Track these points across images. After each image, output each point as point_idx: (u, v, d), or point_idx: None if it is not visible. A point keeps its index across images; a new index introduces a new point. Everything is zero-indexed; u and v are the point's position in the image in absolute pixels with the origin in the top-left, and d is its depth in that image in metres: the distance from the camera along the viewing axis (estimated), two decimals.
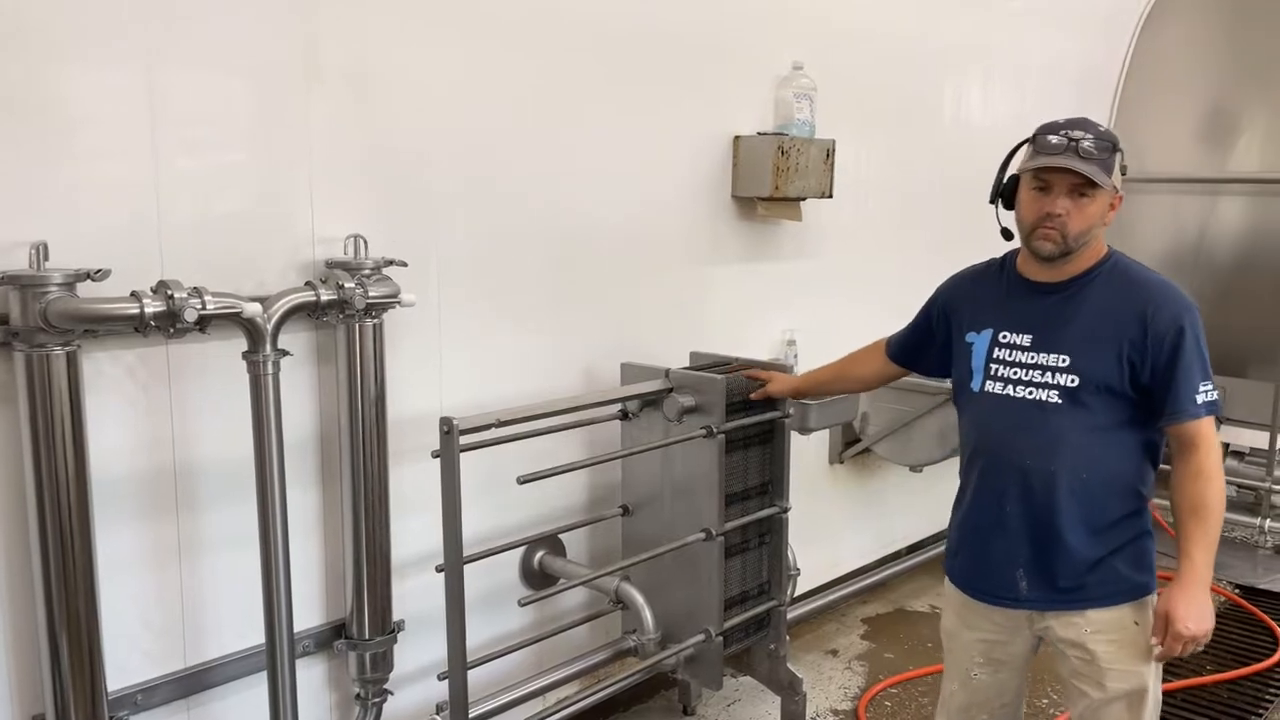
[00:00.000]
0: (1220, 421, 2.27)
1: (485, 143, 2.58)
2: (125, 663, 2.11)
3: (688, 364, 2.89)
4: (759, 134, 3.22)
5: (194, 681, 2.21)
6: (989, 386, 2.11)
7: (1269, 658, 3.56)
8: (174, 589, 2.17)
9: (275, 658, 2.14)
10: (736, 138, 3.20)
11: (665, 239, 3.10)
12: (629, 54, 2.89)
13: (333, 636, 2.42)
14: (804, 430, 3.29)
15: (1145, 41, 4.64)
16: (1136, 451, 2.06)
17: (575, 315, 2.88)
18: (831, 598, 3.84)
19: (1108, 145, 1.95)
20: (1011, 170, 2.11)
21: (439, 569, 2.28)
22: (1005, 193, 2.14)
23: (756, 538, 2.87)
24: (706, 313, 3.26)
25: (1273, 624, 3.80)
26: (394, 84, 2.38)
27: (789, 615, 3.30)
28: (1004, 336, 2.11)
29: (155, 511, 2.12)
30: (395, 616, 2.45)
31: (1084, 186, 1.95)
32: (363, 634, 2.38)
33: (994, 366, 2.11)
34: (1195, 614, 1.92)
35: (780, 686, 2.96)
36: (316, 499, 2.38)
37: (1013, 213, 2.10)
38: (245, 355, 2.03)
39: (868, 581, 4.01)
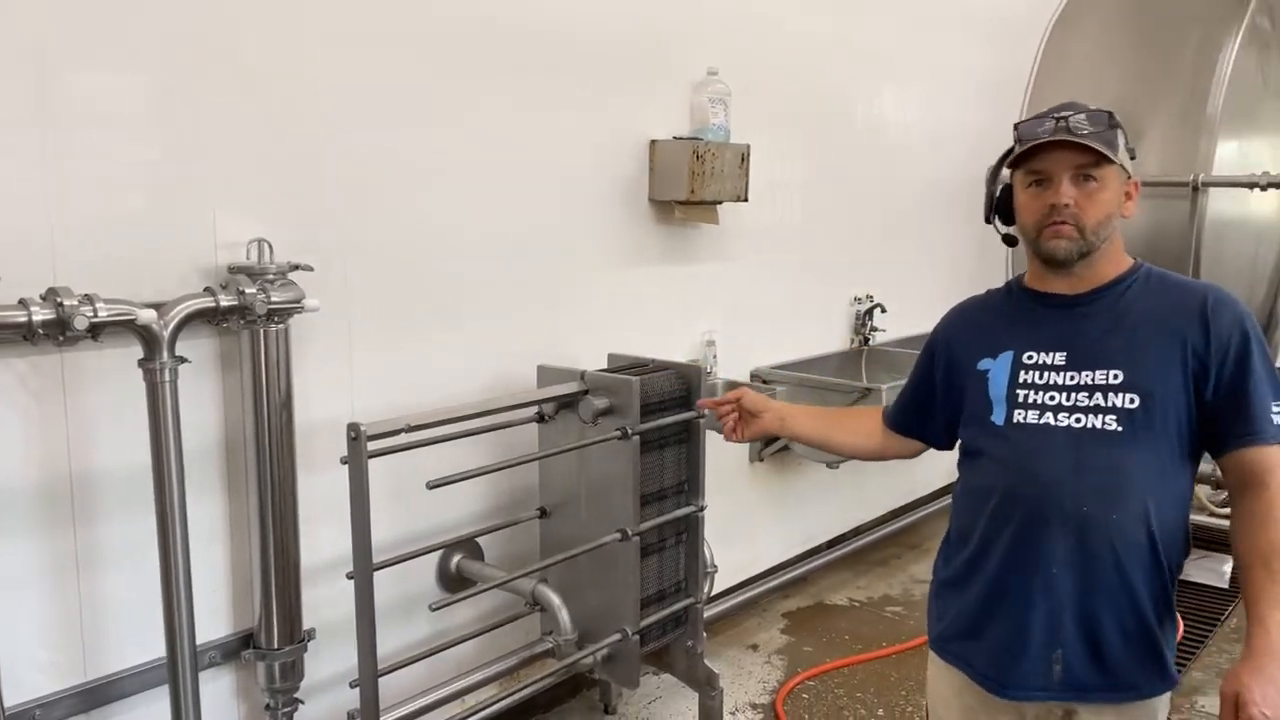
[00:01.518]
0: None
1: (396, 145, 2.57)
2: (22, 678, 2.05)
3: (606, 366, 2.91)
4: (675, 138, 3.25)
5: (96, 695, 2.17)
6: (1019, 417, 1.71)
7: None
8: (73, 602, 2.12)
9: (177, 669, 2.11)
10: (653, 142, 3.23)
11: (584, 242, 3.12)
12: (546, 57, 2.89)
13: (241, 646, 2.38)
14: None
15: (1053, 46, 4.77)
16: (1188, 492, 1.69)
17: (493, 319, 2.87)
18: (753, 593, 3.90)
19: (1103, 119, 1.65)
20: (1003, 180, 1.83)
21: (349, 576, 2.26)
22: (1000, 206, 1.82)
23: (673, 537, 2.90)
24: (626, 315, 3.28)
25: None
26: (302, 85, 2.35)
27: (709, 612, 3.35)
28: (1029, 357, 1.73)
29: (51, 523, 2.07)
30: (306, 625, 2.43)
31: (1088, 168, 1.64)
32: (271, 643, 2.35)
33: (1021, 393, 1.71)
34: (1274, 696, 1.45)
35: (698, 683, 2.99)
36: (222, 507, 2.35)
37: (1014, 228, 1.80)
38: (141, 363, 2.00)
39: (788, 576, 4.07)
